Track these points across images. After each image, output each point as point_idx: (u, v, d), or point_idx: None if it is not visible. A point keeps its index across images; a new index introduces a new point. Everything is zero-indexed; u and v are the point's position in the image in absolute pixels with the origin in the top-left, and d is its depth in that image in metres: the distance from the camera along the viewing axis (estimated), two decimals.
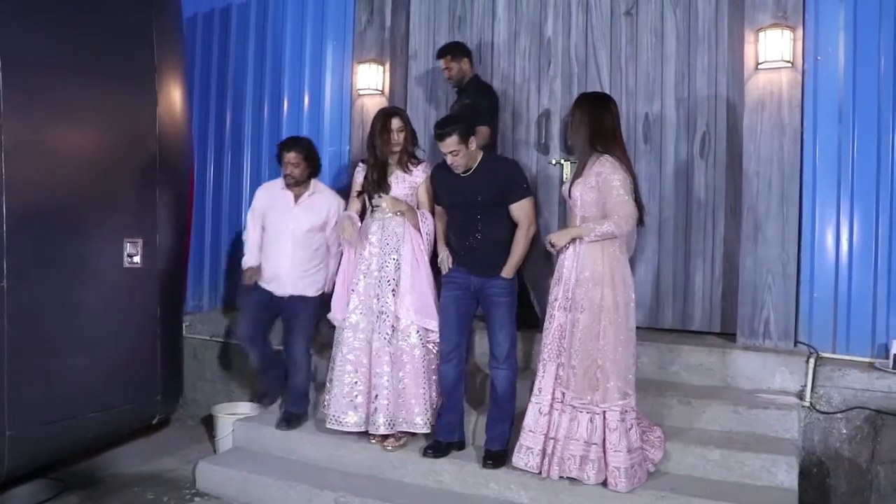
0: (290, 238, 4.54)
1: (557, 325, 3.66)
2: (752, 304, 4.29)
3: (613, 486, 3.55)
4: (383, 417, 4.09)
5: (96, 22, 4.37)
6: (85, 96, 4.27)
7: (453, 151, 3.88)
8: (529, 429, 3.70)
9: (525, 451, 3.71)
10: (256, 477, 4.16)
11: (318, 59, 5.66)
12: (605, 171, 3.59)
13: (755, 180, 4.27)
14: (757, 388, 4.14)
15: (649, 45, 4.81)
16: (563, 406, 3.62)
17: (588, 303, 3.57)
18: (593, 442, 3.58)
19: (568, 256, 3.67)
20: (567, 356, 3.60)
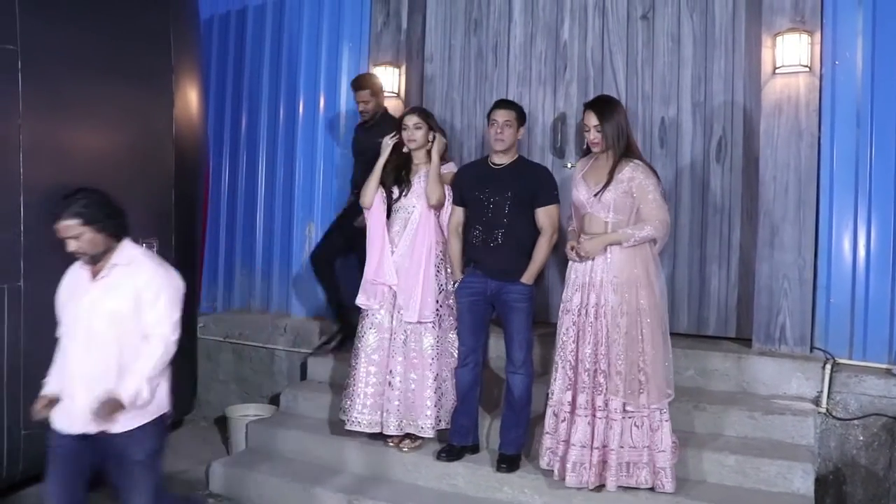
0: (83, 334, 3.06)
1: (593, 332, 3.60)
2: (768, 310, 4.27)
3: (661, 487, 3.54)
4: (395, 419, 4.09)
5: (114, 23, 4.40)
6: (102, 97, 4.29)
7: (508, 121, 3.95)
8: (581, 444, 3.58)
9: (579, 468, 3.59)
10: (269, 479, 4.18)
11: (333, 60, 5.67)
12: (639, 176, 3.58)
13: (772, 185, 4.25)
14: (773, 394, 4.11)
15: (666, 49, 4.79)
16: (607, 413, 3.56)
17: (627, 307, 3.55)
18: (644, 446, 3.56)
19: (597, 262, 3.63)
20: (606, 362, 3.56)
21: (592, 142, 3.69)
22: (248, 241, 6.04)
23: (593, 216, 3.67)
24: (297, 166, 5.80)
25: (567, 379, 3.67)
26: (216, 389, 5.79)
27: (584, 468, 3.58)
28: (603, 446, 3.57)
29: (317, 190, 5.71)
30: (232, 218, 6.13)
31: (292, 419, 4.70)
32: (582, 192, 3.72)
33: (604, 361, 3.56)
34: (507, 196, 3.93)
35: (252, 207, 6.04)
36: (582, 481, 3.59)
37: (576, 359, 3.65)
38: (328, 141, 5.68)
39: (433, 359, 4.11)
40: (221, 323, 5.88)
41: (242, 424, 4.78)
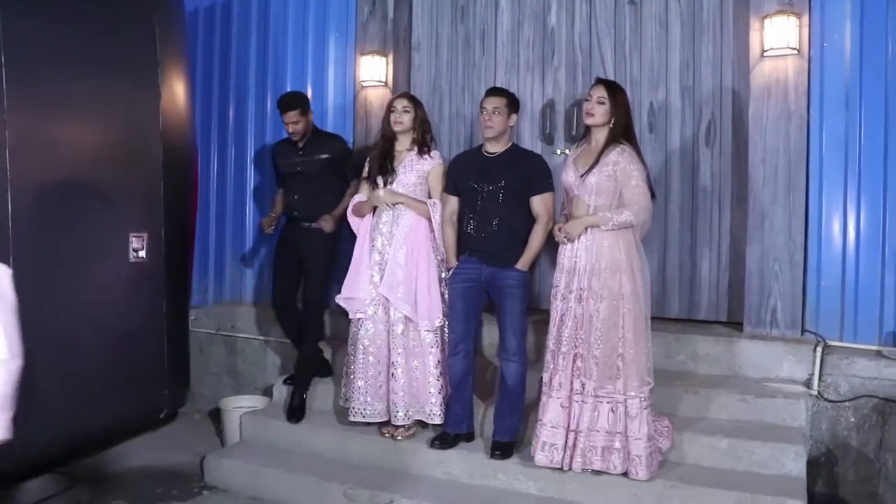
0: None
1: (573, 315, 3.62)
2: (758, 293, 4.28)
3: (634, 474, 3.55)
4: (402, 409, 4.11)
5: (98, 17, 4.35)
6: (88, 91, 4.25)
7: (497, 108, 3.93)
8: (551, 424, 3.64)
9: (548, 448, 3.64)
10: (264, 470, 4.17)
11: (320, 51, 5.63)
12: (624, 160, 3.58)
13: (761, 168, 4.26)
14: (764, 377, 4.13)
15: (654, 34, 4.78)
16: (583, 398, 3.59)
17: (607, 292, 3.56)
18: (617, 431, 3.56)
19: (581, 246, 3.64)
20: (587, 346, 3.57)
21: (588, 112, 3.68)
22: (238, 233, 6.02)
23: (579, 199, 3.69)
24: None
25: (548, 362, 3.72)
26: (209, 382, 5.78)
27: (556, 449, 3.62)
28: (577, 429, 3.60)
29: None
30: (222, 210, 6.10)
31: None
32: (570, 174, 3.73)
33: (583, 345, 3.58)
34: (500, 185, 3.93)
35: (242, 199, 6.01)
36: (552, 461, 3.63)
37: (556, 342, 3.67)
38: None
39: (434, 346, 4.11)
40: (213, 315, 5.86)
41: (236, 416, 4.77)
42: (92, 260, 4.31)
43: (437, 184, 4.20)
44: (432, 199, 4.20)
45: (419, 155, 4.22)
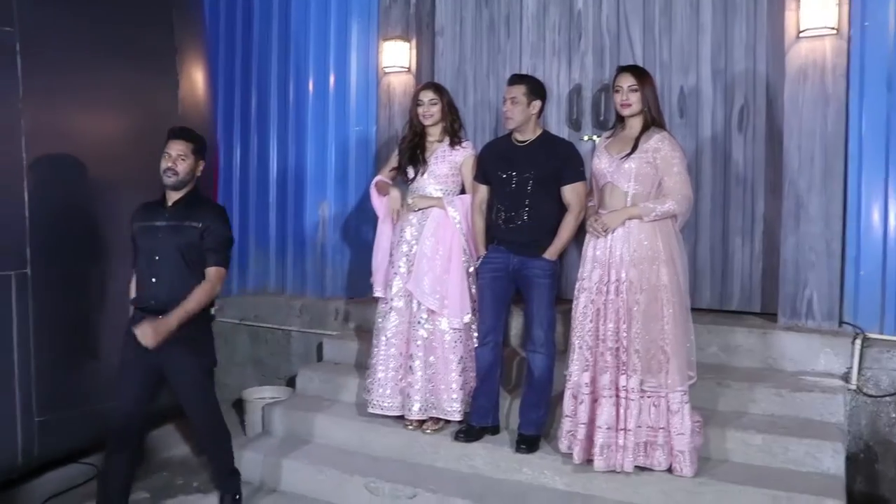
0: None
1: (612, 309, 3.51)
2: (794, 283, 4.15)
3: (679, 470, 3.46)
4: (418, 403, 4.06)
5: (114, 3, 4.32)
6: (104, 78, 4.22)
7: (514, 98, 3.84)
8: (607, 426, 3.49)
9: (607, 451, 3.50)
10: (285, 461, 4.16)
11: (342, 37, 5.57)
12: (666, 147, 3.49)
13: (797, 154, 4.12)
14: (800, 371, 4.01)
15: (684, 16, 4.65)
16: (627, 393, 3.48)
17: (646, 283, 3.46)
18: (660, 427, 3.47)
19: (616, 236, 3.54)
20: (628, 340, 3.47)
21: (623, 103, 3.57)
22: (262, 223, 5.99)
23: (614, 186, 3.57)
24: (308, 145, 5.73)
25: (585, 360, 3.58)
26: (233, 372, 5.78)
27: (612, 451, 3.50)
28: (624, 428, 3.49)
29: (329, 169, 5.63)
30: (245, 200, 6.08)
31: (309, 401, 4.67)
32: (604, 160, 3.63)
33: (625, 339, 3.47)
34: (529, 174, 3.84)
35: (264, 189, 5.98)
36: (611, 464, 3.51)
37: (595, 338, 3.56)
38: (339, 119, 5.59)
39: (456, 341, 4.05)
40: (236, 305, 5.86)
41: (259, 407, 4.78)
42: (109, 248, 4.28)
43: (470, 173, 4.14)
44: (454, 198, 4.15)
45: (451, 146, 4.15)
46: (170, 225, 3.58)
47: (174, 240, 3.57)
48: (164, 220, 3.60)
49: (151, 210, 3.65)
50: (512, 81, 3.92)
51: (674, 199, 3.47)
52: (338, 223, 5.61)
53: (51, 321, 3.93)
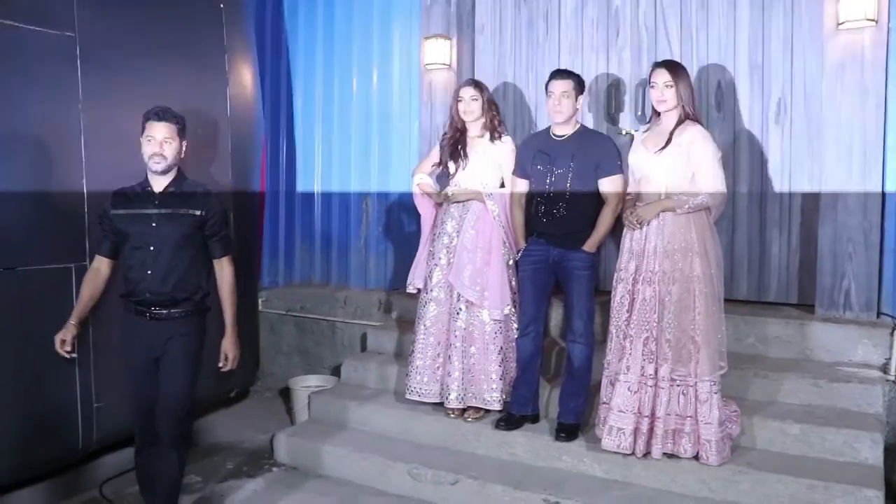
0: None
1: (642, 298, 3.58)
2: (831, 275, 4.15)
3: (705, 459, 3.51)
4: (455, 392, 4.14)
5: (167, 6, 4.48)
6: (158, 77, 4.37)
7: (565, 92, 3.91)
8: (619, 409, 3.60)
9: (616, 433, 3.61)
10: (331, 448, 4.26)
11: (385, 35, 5.66)
12: (699, 140, 3.54)
13: (835, 146, 4.12)
14: (837, 361, 4.01)
15: (721, 10, 4.65)
16: (655, 381, 3.55)
17: (679, 274, 3.52)
18: (687, 415, 3.54)
19: (651, 228, 3.60)
20: (658, 330, 3.54)
21: (659, 99, 3.63)
22: (307, 217, 6.11)
23: (649, 179, 3.63)
24: (353, 141, 5.82)
25: (619, 347, 3.66)
26: (279, 361, 5.93)
27: (624, 434, 3.58)
28: (651, 415, 3.56)
29: (372, 164, 5.72)
30: (291, 194, 6.20)
31: (353, 390, 4.78)
32: (640, 154, 3.70)
33: (655, 329, 3.54)
34: (568, 168, 3.91)
35: (310, 183, 6.09)
36: (620, 446, 3.59)
37: (628, 326, 3.63)
38: (382, 115, 5.69)
39: (496, 333, 4.13)
40: (283, 297, 5.99)
41: (305, 395, 4.88)
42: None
43: (510, 168, 4.22)
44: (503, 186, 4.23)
45: (491, 141, 4.23)
46: (164, 213, 3.33)
47: (171, 229, 3.33)
48: (154, 207, 3.34)
49: (136, 197, 3.37)
50: (560, 76, 3.98)
51: (707, 192, 3.52)
52: (380, 217, 5.71)
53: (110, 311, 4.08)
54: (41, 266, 3.83)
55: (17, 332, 3.76)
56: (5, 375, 3.69)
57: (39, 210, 3.82)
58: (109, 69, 4.11)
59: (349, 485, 4.12)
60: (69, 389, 3.96)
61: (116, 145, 4.13)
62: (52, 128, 3.91)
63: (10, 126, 3.74)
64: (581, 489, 3.66)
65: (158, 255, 3.32)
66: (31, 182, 3.82)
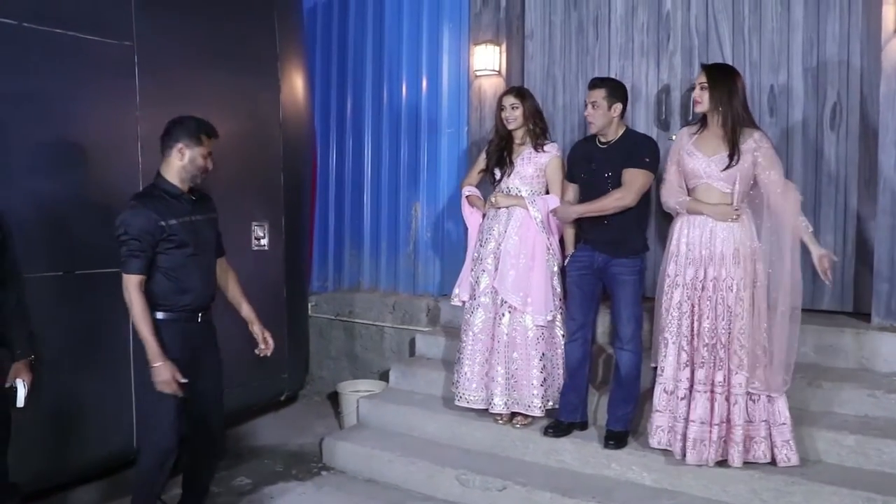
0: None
1: (710, 306, 3.54)
2: (889, 282, 4.05)
3: (786, 460, 3.48)
4: (499, 397, 4.15)
5: (221, 14, 4.57)
6: (212, 86, 4.48)
7: (595, 102, 3.91)
8: (701, 420, 3.53)
9: (699, 446, 3.54)
10: (379, 453, 4.29)
11: (434, 41, 5.69)
12: (765, 145, 3.53)
13: (893, 151, 4.02)
14: (895, 372, 3.92)
15: (774, 13, 4.59)
16: (725, 389, 3.51)
17: (750, 280, 3.50)
18: (763, 419, 3.51)
19: (717, 234, 3.56)
20: (728, 337, 3.50)
21: (696, 99, 3.65)
22: (357, 223, 6.16)
23: (711, 186, 3.60)
24: (402, 148, 5.87)
25: (685, 355, 3.61)
26: (328, 366, 5.99)
27: (705, 445, 3.53)
28: (722, 422, 3.51)
29: (421, 170, 5.76)
30: (340, 200, 6.26)
31: (401, 395, 4.81)
32: (699, 162, 3.63)
33: (724, 336, 3.50)
34: (609, 174, 3.90)
35: (359, 189, 6.14)
36: (702, 458, 3.54)
37: (692, 333, 3.59)
38: (432, 121, 5.72)
39: (539, 339, 4.13)
40: (332, 301, 6.05)
41: (353, 400, 4.92)
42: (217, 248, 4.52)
43: (556, 175, 4.23)
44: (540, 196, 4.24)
45: (535, 149, 4.23)
46: (204, 219, 3.41)
47: (210, 233, 3.45)
48: (195, 214, 3.36)
49: (176, 204, 3.30)
50: (592, 86, 3.98)
51: (794, 193, 3.51)
52: (429, 223, 5.74)
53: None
54: (98, 270, 3.92)
55: (74, 334, 3.86)
56: (62, 377, 3.78)
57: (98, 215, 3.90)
58: (166, 78, 4.22)
59: (397, 489, 4.14)
60: (123, 390, 4.04)
61: None
62: (111, 135, 4.02)
63: (71, 134, 3.86)
64: (630, 497, 3.64)
65: (206, 259, 3.41)
66: (90, 188, 3.93)
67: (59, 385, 3.76)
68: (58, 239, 3.80)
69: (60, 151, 3.82)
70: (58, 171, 3.81)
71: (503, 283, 4.12)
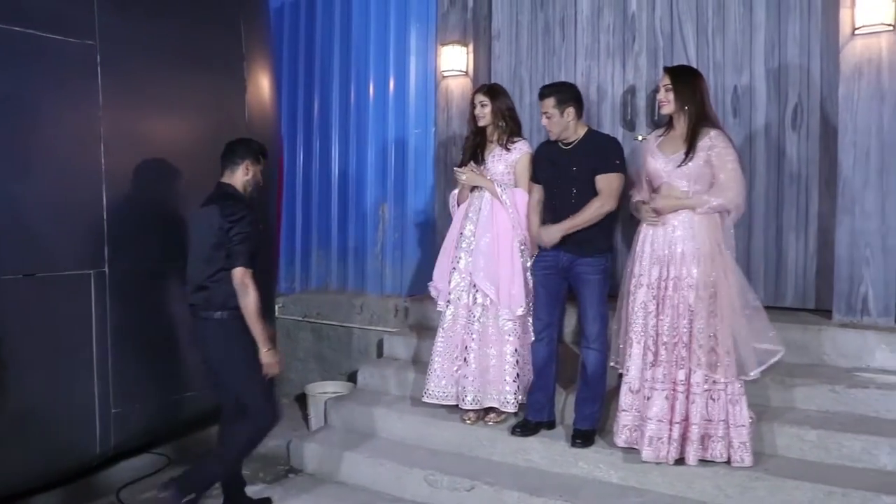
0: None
1: (672, 304, 3.57)
2: (848, 280, 4.13)
3: (740, 461, 3.50)
4: (471, 394, 4.15)
5: (186, 14, 4.53)
6: (177, 86, 4.43)
7: (547, 113, 3.93)
8: (658, 418, 3.58)
9: (656, 443, 3.58)
10: (347, 454, 4.27)
11: (402, 42, 5.70)
12: (719, 145, 3.55)
13: (852, 151, 4.10)
14: (855, 367, 3.99)
15: (737, 15, 4.65)
16: (688, 387, 3.54)
17: (706, 279, 3.52)
18: (721, 419, 3.53)
19: (677, 233, 3.60)
20: (689, 335, 3.54)
21: (661, 101, 3.70)
22: (324, 223, 6.15)
23: (671, 185, 3.64)
24: (370, 148, 5.86)
25: (650, 354, 3.64)
26: (296, 367, 5.95)
27: (662, 443, 3.56)
28: (683, 420, 3.55)
29: (389, 171, 5.76)
30: (307, 201, 6.24)
31: (369, 396, 4.80)
32: (659, 161, 3.68)
33: (686, 334, 3.53)
34: (574, 175, 3.92)
35: (326, 190, 6.14)
36: (659, 456, 3.57)
37: (656, 332, 3.62)
38: (399, 121, 5.73)
39: (510, 334, 4.14)
40: (300, 303, 6.02)
41: (321, 401, 4.91)
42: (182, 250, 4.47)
43: (524, 173, 4.24)
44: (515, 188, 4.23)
45: (505, 146, 4.24)
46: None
47: None
48: None
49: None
50: (541, 96, 4.00)
51: (727, 195, 3.53)
52: (397, 223, 5.74)
53: (127, 317, 4.14)
54: (61, 272, 3.87)
55: (36, 337, 3.80)
56: (24, 381, 3.72)
57: (59, 217, 3.86)
58: (130, 78, 4.16)
59: (365, 491, 4.13)
60: (87, 395, 4.00)
61: (137, 151, 4.20)
62: (72, 136, 3.95)
63: (32, 133, 3.78)
64: (597, 495, 3.66)
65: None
66: (51, 189, 3.86)
67: (21, 390, 3.71)
68: (19, 241, 3.73)
69: (19, 152, 3.74)
70: (17, 171, 3.73)
71: (476, 272, 4.14)
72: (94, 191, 4.00)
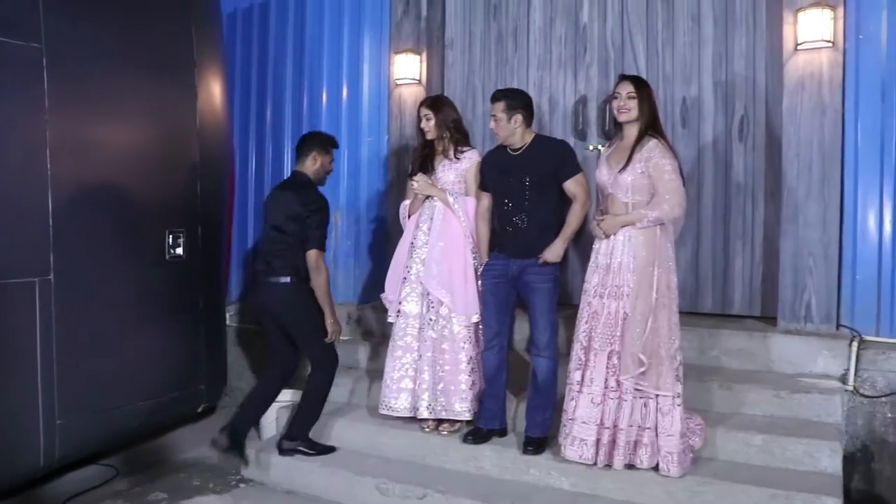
0: None
1: (607, 312, 3.61)
2: (793, 288, 4.24)
3: (666, 470, 3.53)
4: (425, 402, 4.15)
5: (136, 19, 4.47)
6: (126, 91, 4.37)
7: (495, 116, 3.96)
8: (582, 420, 3.62)
9: (579, 444, 3.63)
10: (299, 463, 4.23)
11: (355, 50, 5.69)
12: (656, 155, 3.58)
13: (795, 162, 4.21)
14: (799, 373, 4.09)
15: (686, 28, 4.76)
16: (618, 394, 3.58)
17: (641, 289, 3.55)
18: (647, 426, 3.56)
19: (617, 243, 3.63)
20: (621, 343, 3.57)
21: (621, 108, 3.68)
22: None
23: (615, 197, 3.68)
24: None
25: (578, 359, 3.70)
26: (247, 377, 5.87)
27: (586, 444, 3.61)
28: (613, 426, 3.60)
29: (341, 179, 5.71)
30: (259, 208, 6.17)
31: None
32: (604, 172, 3.74)
33: (617, 342, 3.58)
34: (524, 180, 3.94)
35: None
36: (581, 456, 3.63)
37: (588, 339, 3.67)
38: (352, 129, 5.70)
39: (465, 342, 4.14)
40: (251, 311, 5.94)
41: (273, 410, 4.83)
42: (130, 256, 4.41)
43: (474, 181, 4.25)
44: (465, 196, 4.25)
45: (454, 156, 4.26)
46: None
47: None
48: None
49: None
50: (493, 99, 4.02)
51: (666, 205, 3.55)
52: (349, 231, 5.71)
53: (72, 326, 4.06)
54: (5, 280, 3.79)
55: None
56: None
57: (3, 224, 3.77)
58: (77, 82, 4.10)
59: (317, 500, 4.09)
60: (30, 404, 3.91)
61: (84, 157, 4.13)
62: (17, 140, 3.87)
63: None
64: (549, 502, 3.67)
65: None
66: None
67: None
68: None
69: None
70: None
71: (428, 279, 4.14)
72: (40, 197, 3.92)
